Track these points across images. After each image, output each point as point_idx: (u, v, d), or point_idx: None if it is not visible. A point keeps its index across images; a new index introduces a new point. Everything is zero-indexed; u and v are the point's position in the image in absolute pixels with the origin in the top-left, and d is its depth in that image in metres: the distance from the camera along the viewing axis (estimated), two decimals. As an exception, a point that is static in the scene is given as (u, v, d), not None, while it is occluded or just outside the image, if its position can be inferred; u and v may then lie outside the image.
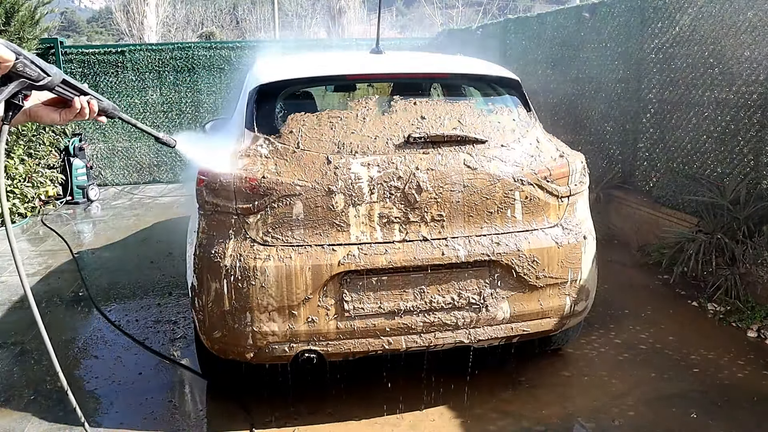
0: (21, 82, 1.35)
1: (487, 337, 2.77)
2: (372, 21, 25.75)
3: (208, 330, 2.72)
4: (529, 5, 29.63)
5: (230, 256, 2.57)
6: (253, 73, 3.25)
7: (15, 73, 1.33)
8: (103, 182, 9.35)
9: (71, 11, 46.34)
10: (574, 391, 3.08)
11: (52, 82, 1.40)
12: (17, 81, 1.34)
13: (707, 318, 3.91)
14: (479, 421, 2.84)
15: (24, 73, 1.34)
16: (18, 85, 1.34)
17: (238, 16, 33.55)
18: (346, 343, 2.65)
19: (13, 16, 7.32)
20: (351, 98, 3.22)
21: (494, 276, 2.71)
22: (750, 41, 4.11)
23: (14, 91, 1.34)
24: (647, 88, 5.24)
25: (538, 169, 2.78)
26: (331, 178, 2.58)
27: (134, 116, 9.37)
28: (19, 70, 1.33)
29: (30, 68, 1.35)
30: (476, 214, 2.69)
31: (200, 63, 9.43)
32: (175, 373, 3.36)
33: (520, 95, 3.11)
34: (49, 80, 1.39)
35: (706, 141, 4.58)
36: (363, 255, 2.58)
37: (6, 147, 6.65)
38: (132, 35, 24.17)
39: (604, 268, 4.41)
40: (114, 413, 2.99)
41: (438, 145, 2.71)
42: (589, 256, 2.90)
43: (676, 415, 2.85)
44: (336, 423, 2.85)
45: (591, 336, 3.66)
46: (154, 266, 5.21)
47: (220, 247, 2.61)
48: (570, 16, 6.39)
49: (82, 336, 3.88)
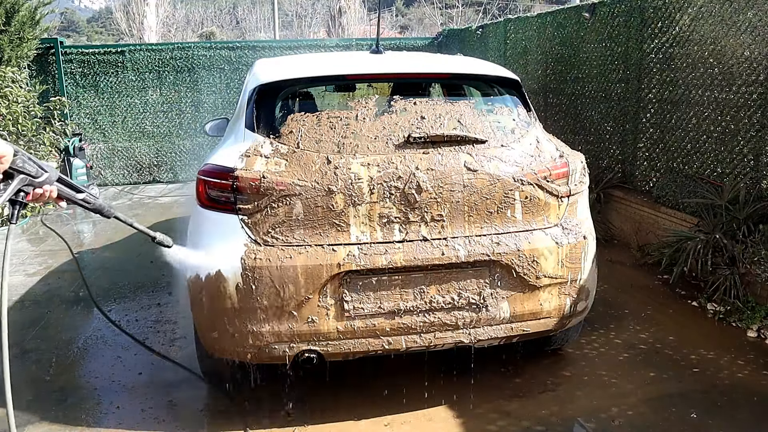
0: (22, 179, 1.34)
1: (487, 337, 2.77)
2: (372, 21, 25.75)
3: (207, 330, 2.72)
4: (529, 5, 29.63)
5: (230, 256, 2.57)
6: (253, 73, 3.25)
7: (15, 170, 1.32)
8: (103, 182, 9.35)
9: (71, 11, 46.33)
10: (574, 391, 3.08)
11: (50, 179, 1.40)
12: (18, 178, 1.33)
13: (707, 318, 3.91)
14: (479, 421, 2.83)
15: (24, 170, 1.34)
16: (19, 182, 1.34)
17: (238, 16, 33.55)
18: (346, 343, 2.65)
19: (13, 17, 7.33)
20: (351, 98, 3.22)
21: (494, 276, 2.71)
22: (750, 41, 4.11)
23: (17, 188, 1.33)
24: (647, 88, 5.24)
25: (538, 169, 2.78)
26: (331, 178, 2.58)
27: (134, 116, 9.41)
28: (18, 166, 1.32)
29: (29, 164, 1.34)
30: (476, 214, 2.69)
31: (200, 63, 9.44)
32: (174, 373, 3.36)
33: (519, 95, 3.11)
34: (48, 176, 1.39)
35: (706, 141, 4.58)
36: (363, 255, 2.58)
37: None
38: (132, 35, 24.18)
39: (604, 268, 4.42)
40: (114, 413, 2.99)
41: (438, 145, 2.71)
42: (589, 256, 2.90)
43: (676, 415, 2.85)
44: (336, 423, 2.85)
45: (591, 336, 3.66)
46: (154, 266, 5.21)
47: (219, 247, 2.61)
48: (570, 16, 6.39)
49: (82, 336, 3.87)
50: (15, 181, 1.33)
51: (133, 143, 9.46)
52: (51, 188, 1.41)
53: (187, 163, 9.62)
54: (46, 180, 1.38)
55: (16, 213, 1.36)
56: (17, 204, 1.35)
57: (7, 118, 6.69)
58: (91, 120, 9.27)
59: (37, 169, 1.37)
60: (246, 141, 2.76)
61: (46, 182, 1.39)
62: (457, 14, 28.72)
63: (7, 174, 1.31)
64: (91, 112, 9.27)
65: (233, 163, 2.64)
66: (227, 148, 2.82)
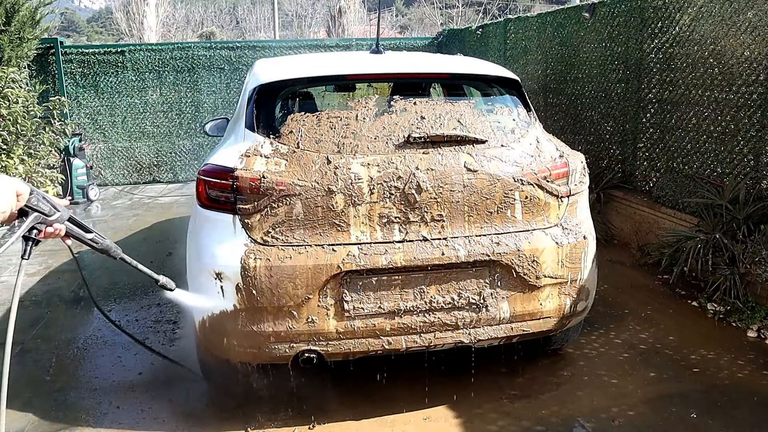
0: (36, 216, 1.40)
1: (487, 337, 2.77)
2: (372, 21, 25.75)
3: (207, 330, 2.72)
4: (529, 5, 29.62)
5: (230, 256, 2.57)
6: (253, 73, 3.25)
7: (30, 208, 1.39)
8: (103, 182, 9.35)
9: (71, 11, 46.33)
10: (574, 391, 3.08)
11: (62, 217, 1.47)
12: (33, 215, 1.40)
13: (707, 318, 3.91)
14: (479, 421, 2.83)
15: (38, 208, 1.40)
16: (33, 219, 1.40)
17: (238, 16, 33.55)
18: (346, 343, 2.65)
19: (13, 17, 7.33)
20: (351, 98, 3.22)
21: (494, 276, 2.71)
22: (750, 41, 4.11)
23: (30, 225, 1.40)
24: (647, 88, 5.24)
25: (538, 169, 2.78)
26: (331, 178, 2.58)
27: (134, 116, 9.41)
28: (33, 204, 1.39)
29: (43, 203, 1.41)
30: (476, 214, 2.69)
31: (200, 63, 9.44)
32: (174, 372, 3.35)
33: (519, 95, 3.11)
34: (60, 215, 1.46)
35: (706, 141, 4.58)
36: (363, 255, 2.58)
37: (6, 147, 6.67)
38: (132, 35, 24.18)
39: (604, 268, 4.42)
40: (114, 413, 2.99)
41: (438, 145, 2.71)
42: (589, 256, 2.90)
43: (676, 415, 2.85)
44: (336, 423, 2.85)
45: (591, 336, 3.66)
46: (154, 266, 5.19)
47: (220, 247, 2.61)
48: (570, 16, 6.38)
49: (82, 336, 3.87)
50: (29, 219, 1.39)
51: (133, 143, 9.46)
52: (62, 227, 1.48)
53: (187, 163, 9.62)
54: (58, 219, 1.46)
55: (28, 249, 1.43)
56: (30, 240, 1.42)
57: (6, 118, 6.68)
58: (91, 120, 9.27)
59: (50, 208, 1.44)
60: (246, 141, 2.76)
61: (58, 221, 1.46)
62: (457, 14, 28.72)
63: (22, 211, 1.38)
64: (91, 112, 9.27)
65: (233, 163, 2.64)
66: (227, 148, 2.82)
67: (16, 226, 1.39)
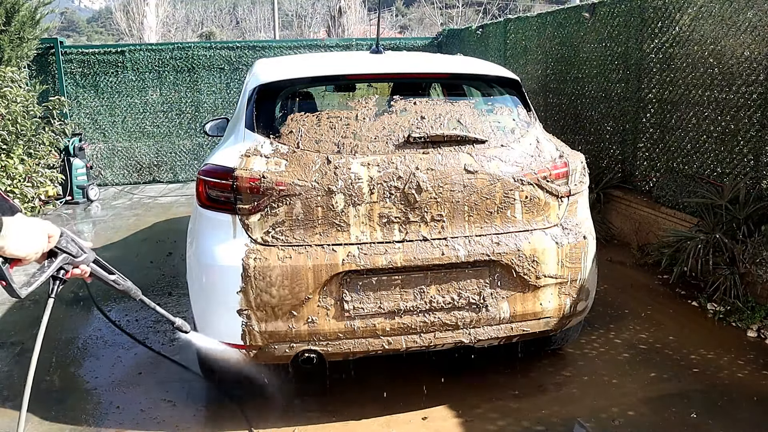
0: (64, 257, 1.46)
1: (487, 337, 2.77)
2: (372, 21, 25.75)
3: (208, 330, 2.71)
4: (529, 5, 29.63)
5: (230, 256, 2.57)
6: (253, 72, 3.25)
7: (60, 249, 1.45)
8: (103, 182, 9.34)
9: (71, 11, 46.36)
10: (574, 391, 3.08)
11: (87, 259, 1.53)
12: (61, 257, 1.46)
13: (707, 318, 3.91)
14: (479, 421, 2.83)
15: (67, 249, 1.46)
16: (62, 260, 1.46)
17: (238, 16, 33.57)
18: (346, 343, 2.65)
19: (13, 16, 7.33)
20: (351, 98, 3.22)
21: (494, 276, 2.71)
22: (750, 41, 4.11)
23: (59, 266, 1.46)
24: (647, 88, 5.24)
25: (538, 169, 2.78)
26: (331, 178, 2.58)
27: (134, 116, 9.41)
28: (62, 246, 1.45)
29: (71, 245, 1.47)
30: (476, 213, 2.69)
31: (200, 63, 9.44)
32: (174, 372, 3.35)
33: (519, 95, 3.11)
34: (86, 257, 1.52)
35: (706, 141, 4.58)
36: (363, 255, 2.58)
37: (5, 147, 6.68)
38: (132, 35, 24.20)
39: (604, 268, 4.42)
40: (114, 413, 2.99)
41: (438, 145, 2.71)
42: (589, 256, 2.90)
43: (676, 415, 2.85)
44: (335, 423, 2.85)
45: (591, 336, 3.66)
46: (154, 266, 5.21)
47: (220, 247, 2.61)
48: (570, 16, 6.38)
49: (82, 336, 3.87)
50: (58, 260, 1.45)
51: (133, 143, 9.46)
52: (87, 269, 1.55)
53: (187, 163, 9.62)
54: (84, 260, 1.52)
55: (56, 288, 1.50)
56: (57, 280, 1.48)
57: (6, 118, 6.69)
58: (91, 120, 9.27)
59: (78, 250, 1.50)
60: (246, 141, 2.76)
61: (84, 262, 1.52)
62: (457, 14, 28.73)
63: (51, 252, 1.44)
64: (91, 112, 9.27)
65: (233, 163, 2.64)
66: (227, 148, 2.82)
67: (45, 266, 1.45)
